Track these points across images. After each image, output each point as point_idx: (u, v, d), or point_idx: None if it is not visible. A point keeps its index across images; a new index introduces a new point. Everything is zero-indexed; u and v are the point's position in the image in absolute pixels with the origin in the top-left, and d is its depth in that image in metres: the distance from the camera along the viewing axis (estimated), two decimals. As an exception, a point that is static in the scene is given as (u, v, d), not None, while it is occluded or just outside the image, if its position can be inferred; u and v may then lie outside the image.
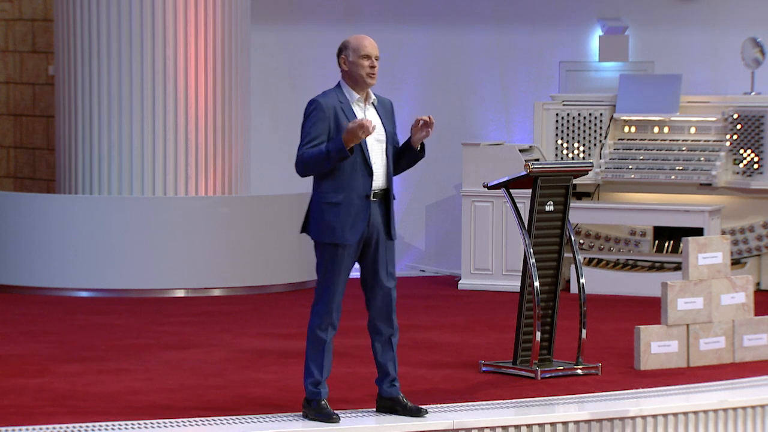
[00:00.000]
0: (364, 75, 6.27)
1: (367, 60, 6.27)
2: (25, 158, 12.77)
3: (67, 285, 10.68)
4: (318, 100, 6.25)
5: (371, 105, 6.36)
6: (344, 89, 6.31)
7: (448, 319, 9.70)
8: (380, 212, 6.28)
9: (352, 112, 6.25)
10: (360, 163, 6.21)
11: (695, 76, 11.91)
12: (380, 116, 6.36)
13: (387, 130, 6.36)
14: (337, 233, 6.21)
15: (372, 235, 6.28)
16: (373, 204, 6.25)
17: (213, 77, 11.04)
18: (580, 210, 10.93)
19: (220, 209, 10.83)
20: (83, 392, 7.01)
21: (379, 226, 6.28)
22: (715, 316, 7.94)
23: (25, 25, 12.68)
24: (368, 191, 6.21)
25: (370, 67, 6.27)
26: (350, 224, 6.21)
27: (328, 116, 6.20)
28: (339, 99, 6.26)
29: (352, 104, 6.29)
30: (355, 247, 6.26)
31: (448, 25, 12.55)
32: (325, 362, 6.31)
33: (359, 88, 6.31)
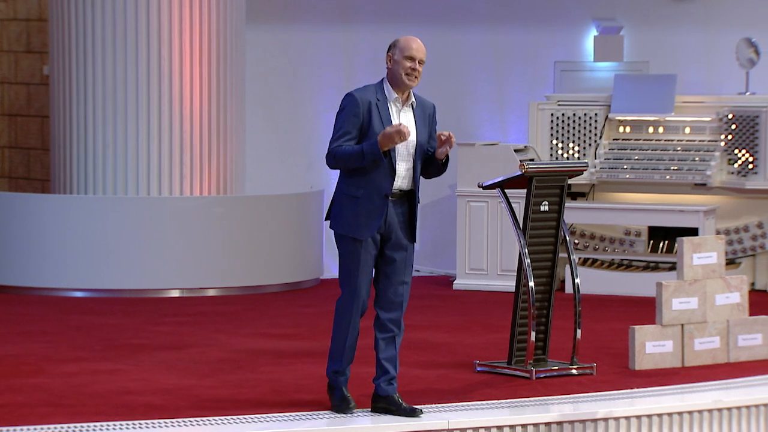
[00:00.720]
0: (404, 75, 6.35)
1: (410, 61, 6.35)
2: (20, 158, 12.76)
3: (61, 285, 10.67)
4: (354, 95, 6.34)
5: (409, 106, 6.42)
6: (385, 86, 6.40)
7: (443, 319, 9.70)
8: (400, 213, 6.37)
9: (387, 111, 6.34)
10: (384, 161, 6.28)
11: (690, 76, 11.92)
12: (416, 118, 6.41)
13: (419, 133, 6.40)
14: (352, 227, 6.32)
15: (391, 235, 6.36)
16: (393, 203, 6.33)
17: (208, 77, 11.03)
18: (575, 210, 10.94)
19: (214, 209, 10.83)
20: (78, 392, 7.00)
21: (398, 226, 6.36)
22: (710, 316, 7.94)
23: (20, 25, 12.67)
24: (388, 190, 6.29)
25: (411, 69, 6.34)
26: (366, 220, 6.30)
27: (361, 111, 6.30)
28: (377, 96, 6.35)
29: (389, 103, 6.37)
30: (373, 244, 6.33)
31: (443, 25, 12.55)
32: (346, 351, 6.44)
33: (398, 88, 6.38)
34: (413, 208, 6.38)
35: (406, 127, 6.21)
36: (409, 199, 6.38)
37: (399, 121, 6.34)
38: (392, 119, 6.34)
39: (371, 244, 6.33)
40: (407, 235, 6.39)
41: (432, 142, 6.46)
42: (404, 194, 6.36)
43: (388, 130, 6.21)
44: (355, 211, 6.31)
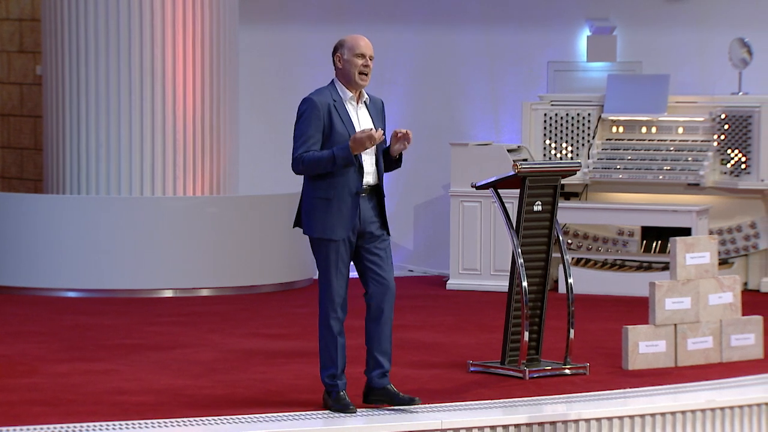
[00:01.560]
0: (357, 73, 6.40)
1: (361, 59, 6.40)
2: (13, 158, 12.74)
3: (55, 285, 10.66)
4: (312, 99, 6.38)
5: (363, 104, 6.49)
6: (338, 87, 6.45)
7: (437, 319, 9.70)
8: (371, 207, 6.45)
9: (345, 111, 6.40)
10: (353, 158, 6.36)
11: (683, 77, 11.93)
12: (371, 115, 6.51)
13: (377, 128, 6.45)
14: (328, 229, 6.38)
15: (365, 229, 6.44)
16: (363, 199, 6.41)
17: (201, 77, 11.03)
18: (568, 210, 10.95)
19: (208, 209, 10.82)
20: (72, 392, 7.00)
21: (371, 220, 6.45)
22: (703, 315, 7.96)
23: (13, 25, 12.65)
24: (359, 188, 6.38)
25: (363, 66, 6.39)
26: (341, 220, 6.37)
27: (322, 114, 6.36)
28: (333, 97, 6.41)
29: (345, 102, 6.43)
30: (348, 243, 6.40)
31: (436, 25, 12.56)
32: (338, 354, 6.46)
33: (352, 87, 6.44)
34: (382, 201, 6.48)
35: (379, 131, 6.31)
36: (377, 193, 6.48)
37: (358, 120, 6.42)
38: (351, 119, 6.41)
39: (346, 243, 6.41)
40: (382, 227, 6.49)
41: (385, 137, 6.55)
42: (373, 189, 6.47)
43: (359, 135, 6.28)
44: (329, 213, 6.36)
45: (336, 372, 6.48)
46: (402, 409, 6.62)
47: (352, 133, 6.32)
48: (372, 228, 6.46)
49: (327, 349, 6.48)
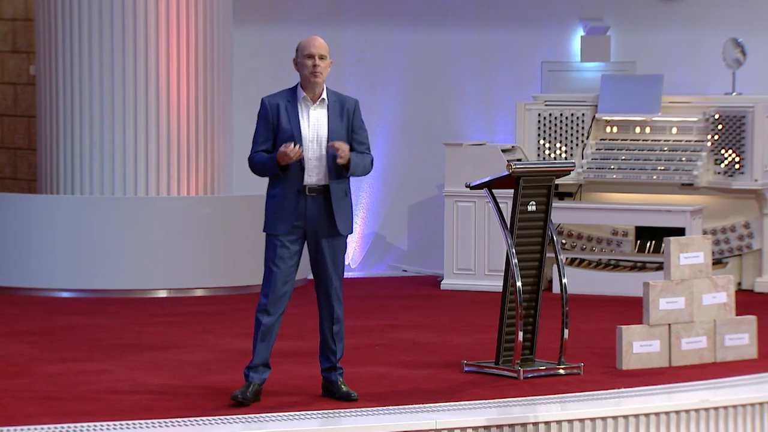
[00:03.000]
0: (308, 74, 6.65)
1: (310, 59, 6.64)
2: (6, 158, 12.73)
3: (48, 285, 10.65)
4: (263, 100, 6.74)
5: (322, 104, 6.67)
6: (297, 88, 6.72)
7: (431, 319, 9.70)
8: (318, 206, 6.63)
9: (296, 111, 6.64)
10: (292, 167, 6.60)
11: (677, 77, 11.94)
12: (329, 115, 6.67)
13: (333, 129, 6.63)
14: (269, 224, 6.68)
15: (312, 230, 6.66)
16: (310, 199, 6.62)
17: (195, 77, 11.02)
18: (562, 210, 10.95)
19: (202, 209, 10.82)
20: (65, 393, 6.99)
21: (318, 221, 6.64)
22: (697, 315, 7.96)
23: (6, 25, 12.64)
24: (299, 186, 6.60)
25: (312, 66, 6.62)
26: (281, 216, 6.63)
27: (270, 115, 6.67)
28: (288, 98, 6.69)
29: (299, 102, 6.66)
30: (292, 239, 6.64)
31: (430, 25, 12.56)
32: (259, 346, 6.66)
33: (306, 87, 6.68)
34: (330, 202, 6.60)
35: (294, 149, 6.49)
36: (326, 194, 6.61)
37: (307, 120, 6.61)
38: (299, 118, 6.61)
39: (290, 239, 6.62)
40: (330, 229, 6.63)
41: (355, 136, 6.70)
42: (321, 189, 6.63)
43: (281, 149, 6.51)
44: (273, 209, 6.66)
45: (252, 363, 6.69)
46: (395, 408, 6.62)
47: (297, 133, 6.57)
48: (319, 227, 6.63)
49: (255, 337, 6.71)
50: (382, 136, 12.60)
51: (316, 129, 6.63)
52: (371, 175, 12.60)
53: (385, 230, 12.62)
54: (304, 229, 6.65)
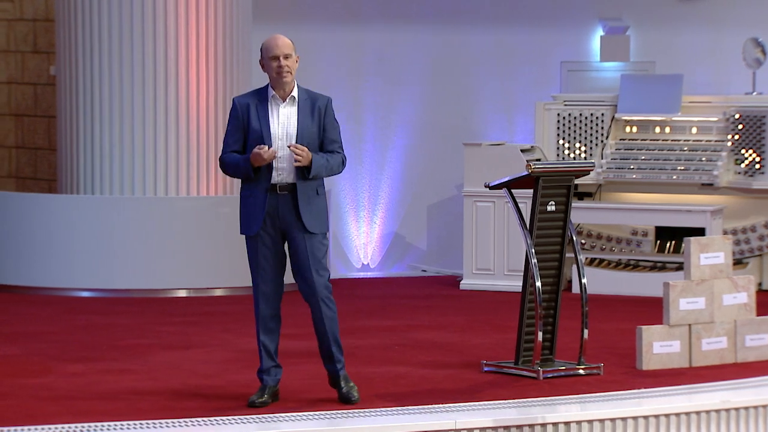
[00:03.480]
0: (274, 75, 6.61)
1: (275, 60, 6.62)
2: (27, 158, 12.77)
3: (69, 285, 10.68)
4: (234, 101, 6.73)
5: (291, 102, 6.66)
6: (268, 87, 6.70)
7: (450, 319, 9.70)
8: (289, 206, 6.61)
9: (265, 109, 6.62)
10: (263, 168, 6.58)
11: (697, 76, 11.91)
12: (299, 113, 6.65)
13: (303, 126, 6.62)
14: (243, 225, 6.69)
15: (285, 229, 6.64)
16: (280, 197, 6.60)
17: (214, 77, 11.04)
18: (581, 210, 10.93)
19: (221, 209, 10.83)
20: (85, 392, 7.01)
21: (289, 219, 6.62)
22: (717, 316, 7.94)
23: (27, 25, 12.68)
24: (268, 185, 6.59)
25: (278, 68, 6.60)
26: (253, 216, 6.63)
27: (241, 115, 6.65)
28: (258, 97, 6.67)
29: (268, 101, 6.65)
30: (269, 238, 6.63)
31: (449, 25, 12.55)
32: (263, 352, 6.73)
33: (276, 86, 6.65)
34: (297, 200, 6.57)
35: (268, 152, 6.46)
36: (295, 192, 6.57)
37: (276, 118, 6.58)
38: (269, 117, 6.58)
39: (267, 238, 6.62)
40: (302, 227, 6.60)
41: (326, 134, 6.68)
42: (290, 187, 6.60)
43: (254, 151, 6.49)
44: (245, 209, 6.66)
45: (262, 366, 6.73)
46: (415, 408, 6.62)
47: (266, 131, 6.55)
48: (291, 225, 6.63)
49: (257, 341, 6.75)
50: (401, 136, 12.60)
51: (285, 127, 6.60)
52: (390, 175, 12.61)
53: (404, 230, 12.62)
54: (280, 228, 6.62)
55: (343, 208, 12.51)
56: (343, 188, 12.49)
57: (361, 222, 12.58)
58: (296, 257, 6.65)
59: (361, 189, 12.57)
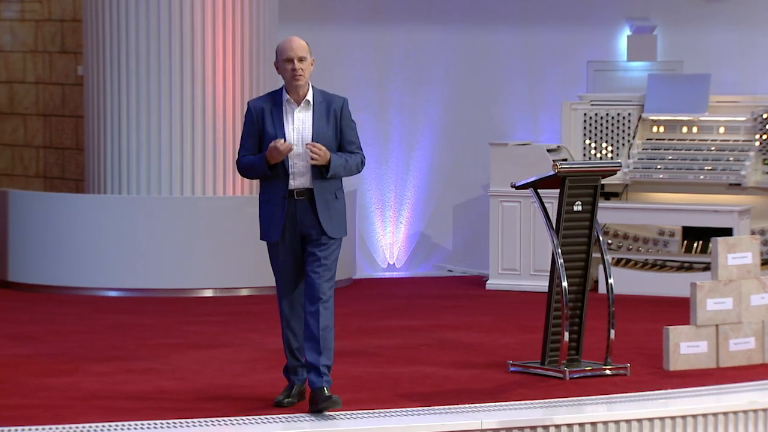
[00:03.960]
0: (289, 78, 6.51)
1: (289, 63, 6.52)
2: (55, 158, 12.83)
3: (96, 285, 10.72)
4: (249, 104, 6.64)
5: (307, 105, 6.54)
6: (282, 90, 6.60)
7: (476, 319, 9.69)
8: (307, 210, 6.51)
9: (280, 114, 6.52)
10: (280, 163, 6.49)
11: (724, 76, 11.86)
12: (314, 116, 6.53)
13: (317, 130, 6.50)
14: (263, 232, 6.60)
15: (303, 232, 6.53)
16: (299, 202, 6.50)
17: (240, 77, 11.06)
18: (608, 210, 10.90)
19: (247, 209, 10.85)
20: (112, 391, 7.04)
21: (308, 224, 6.51)
22: (745, 316, 7.90)
23: (55, 26, 12.73)
24: (285, 191, 6.49)
25: (291, 70, 6.50)
26: (272, 223, 6.54)
27: (256, 120, 6.56)
28: (273, 101, 6.57)
29: (283, 105, 6.54)
30: (290, 244, 6.54)
31: (475, 25, 12.54)
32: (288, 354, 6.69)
33: (290, 90, 6.56)
34: (315, 205, 6.48)
35: (285, 144, 6.37)
36: (313, 197, 6.48)
37: (291, 123, 6.48)
38: (284, 121, 6.49)
39: (288, 244, 6.53)
40: (319, 232, 6.50)
41: (344, 135, 6.56)
42: (308, 192, 6.50)
43: (270, 145, 6.40)
44: (264, 216, 6.57)
45: (288, 365, 6.71)
46: (440, 408, 6.62)
47: (281, 136, 6.45)
48: (310, 231, 6.51)
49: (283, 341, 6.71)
50: (427, 136, 12.59)
51: (301, 132, 6.49)
52: (416, 175, 12.61)
53: (430, 230, 12.61)
54: (299, 232, 6.52)
55: (369, 208, 12.52)
56: (369, 188, 12.50)
57: (387, 222, 12.58)
58: (311, 261, 6.49)
59: (387, 189, 12.58)
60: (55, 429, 6.16)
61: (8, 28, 12.88)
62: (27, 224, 10.95)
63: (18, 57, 12.87)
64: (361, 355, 8.13)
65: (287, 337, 6.70)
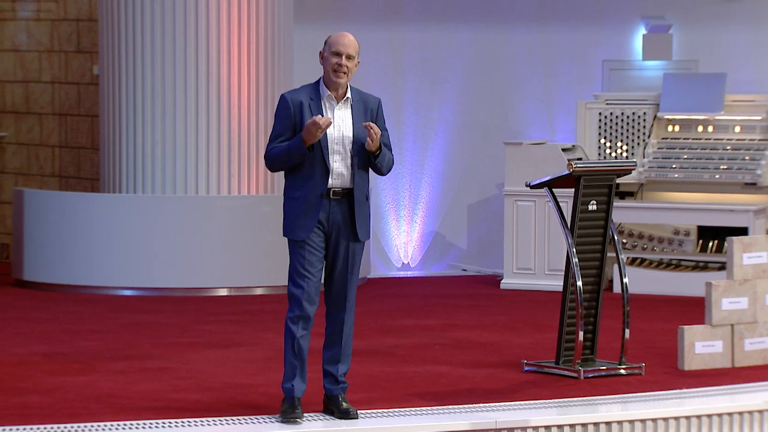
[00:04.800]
0: (331, 71, 6.24)
1: (337, 57, 6.24)
2: (70, 157, 12.86)
3: (111, 284, 10.75)
4: (285, 96, 6.31)
5: (346, 103, 6.32)
6: (320, 84, 6.33)
7: (491, 318, 9.69)
8: (342, 211, 6.28)
9: (319, 109, 6.26)
10: (318, 160, 6.22)
11: (740, 75, 11.83)
12: (354, 115, 6.32)
13: (357, 129, 6.28)
14: (291, 229, 6.28)
15: (333, 233, 6.29)
16: (333, 202, 6.25)
17: (255, 77, 11.07)
18: (623, 209, 10.89)
19: (262, 208, 10.86)
20: (127, 390, 7.05)
21: (340, 225, 6.28)
22: (760, 316, 7.89)
23: (70, 25, 12.77)
24: (323, 189, 6.23)
25: (336, 65, 6.22)
26: (302, 221, 6.25)
27: (293, 113, 6.24)
28: (310, 95, 6.28)
29: (322, 100, 6.29)
30: (316, 244, 6.26)
31: (490, 24, 12.53)
32: (296, 358, 6.30)
33: (330, 85, 6.28)
34: (353, 207, 6.27)
35: (324, 118, 6.11)
36: (350, 198, 6.27)
37: (332, 119, 6.24)
38: None
39: (314, 244, 6.25)
40: (350, 234, 6.29)
41: None
42: (345, 192, 6.26)
43: (308, 123, 6.12)
44: (294, 213, 6.26)
45: (290, 377, 6.30)
46: (455, 408, 6.62)
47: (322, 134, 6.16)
48: (340, 231, 6.28)
49: (285, 351, 6.32)
50: (442, 135, 12.59)
51: (342, 130, 6.25)
52: (431, 175, 12.61)
53: (444, 229, 12.61)
54: (327, 233, 6.28)
55: (383, 207, 12.52)
56: (384, 187, 12.50)
57: (402, 221, 12.58)
58: (337, 264, 6.30)
59: (402, 188, 12.58)
60: (70, 427, 6.17)
61: (24, 27, 12.91)
62: (42, 223, 10.98)
63: (34, 56, 12.90)
64: (375, 354, 8.14)
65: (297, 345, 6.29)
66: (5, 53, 13.01)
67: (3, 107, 13.08)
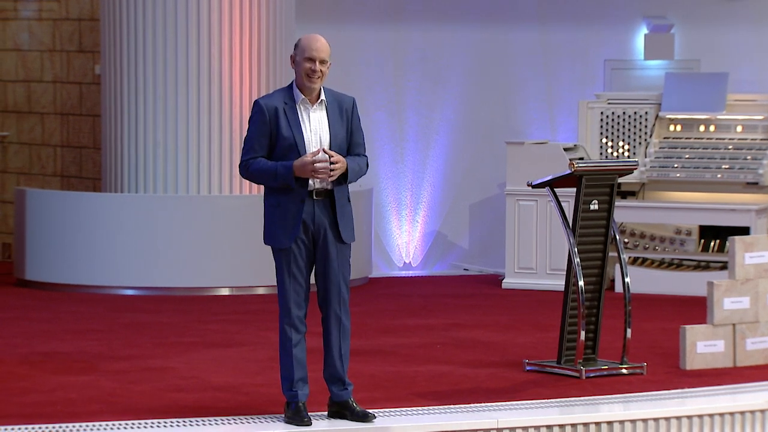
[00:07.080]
0: (304, 76, 6.20)
1: (310, 62, 6.20)
2: (72, 157, 12.86)
3: (112, 283, 10.75)
4: (259, 102, 6.25)
5: (321, 105, 6.28)
6: (293, 88, 6.28)
7: (492, 318, 9.69)
8: (326, 213, 6.23)
9: (296, 114, 6.22)
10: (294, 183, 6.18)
11: (742, 74, 11.83)
12: (329, 117, 6.27)
13: (334, 131, 6.26)
14: (275, 237, 6.24)
15: (319, 234, 6.24)
16: (317, 203, 6.20)
17: (257, 76, 11.08)
18: (625, 209, 10.89)
19: (264, 208, 10.86)
20: (129, 390, 7.05)
21: (324, 226, 6.24)
22: (762, 315, 7.88)
23: (72, 25, 12.77)
24: (304, 195, 6.18)
25: (311, 70, 6.18)
26: (284, 228, 6.21)
27: (268, 119, 6.19)
28: (284, 99, 6.23)
29: (297, 104, 6.24)
30: (301, 249, 6.22)
31: (492, 24, 12.53)
32: (293, 364, 6.27)
33: (303, 89, 6.24)
34: (335, 207, 6.23)
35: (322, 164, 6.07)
36: (332, 198, 6.23)
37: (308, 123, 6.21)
38: (300, 122, 6.20)
39: (300, 249, 6.21)
40: (335, 235, 6.24)
41: (353, 137, 6.30)
42: (326, 193, 6.21)
43: (307, 159, 6.10)
44: (276, 220, 6.22)
45: (292, 383, 6.28)
46: (456, 407, 6.62)
47: (298, 138, 6.16)
48: (324, 233, 6.22)
49: (284, 355, 6.29)
50: (443, 134, 12.59)
51: (318, 132, 6.21)
52: (432, 174, 12.61)
53: (446, 229, 12.61)
54: (312, 236, 6.23)
55: (385, 206, 12.52)
56: (385, 187, 12.50)
57: (403, 220, 12.58)
58: (327, 265, 6.23)
59: (404, 187, 12.58)
60: (71, 427, 6.18)
61: (26, 27, 12.92)
62: (44, 223, 10.99)
63: (36, 56, 12.91)
64: (377, 353, 8.14)
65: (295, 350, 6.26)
66: (7, 53, 13.02)
67: (5, 107, 13.08)
